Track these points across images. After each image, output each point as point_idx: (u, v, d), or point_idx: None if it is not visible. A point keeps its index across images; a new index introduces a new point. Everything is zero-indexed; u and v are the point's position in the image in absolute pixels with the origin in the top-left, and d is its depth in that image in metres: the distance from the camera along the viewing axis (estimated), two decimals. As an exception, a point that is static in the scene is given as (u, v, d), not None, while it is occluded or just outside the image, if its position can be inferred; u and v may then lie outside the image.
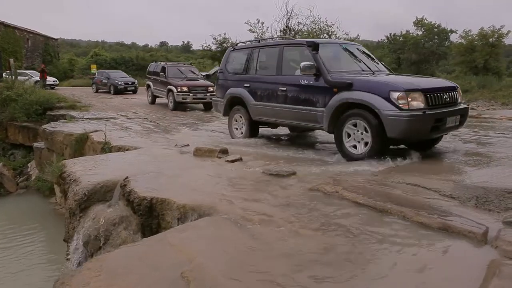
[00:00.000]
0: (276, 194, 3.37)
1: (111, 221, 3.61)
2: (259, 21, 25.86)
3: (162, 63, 16.42)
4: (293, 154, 5.32)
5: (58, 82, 27.86)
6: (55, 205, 9.12)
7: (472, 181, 3.57)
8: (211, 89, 13.58)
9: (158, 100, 15.94)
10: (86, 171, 4.51)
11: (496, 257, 2.11)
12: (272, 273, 2.01)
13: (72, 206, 3.97)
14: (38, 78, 23.70)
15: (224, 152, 5.04)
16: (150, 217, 3.37)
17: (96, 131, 8.11)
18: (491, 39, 27.78)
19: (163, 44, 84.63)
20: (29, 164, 12.23)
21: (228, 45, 26.51)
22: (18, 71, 24.96)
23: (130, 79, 23.74)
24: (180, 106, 13.98)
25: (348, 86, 4.82)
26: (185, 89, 13.67)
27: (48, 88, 23.81)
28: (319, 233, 2.51)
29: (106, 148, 6.58)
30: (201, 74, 16.01)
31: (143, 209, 3.39)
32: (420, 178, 3.68)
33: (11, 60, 21.06)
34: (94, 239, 3.56)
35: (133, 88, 22.88)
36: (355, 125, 4.75)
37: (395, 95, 4.40)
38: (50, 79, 26.16)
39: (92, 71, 31.32)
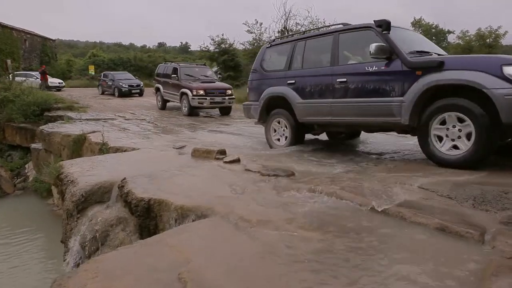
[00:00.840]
0: (274, 195, 3.37)
1: (109, 222, 3.60)
2: (257, 22, 25.95)
3: (173, 63, 14.99)
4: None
5: (63, 83, 26.77)
6: (52, 206, 9.11)
7: (469, 181, 3.57)
8: (229, 92, 12.78)
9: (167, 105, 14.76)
10: (84, 172, 4.50)
11: (494, 258, 2.12)
12: (270, 274, 2.00)
13: (70, 207, 3.96)
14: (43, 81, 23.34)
15: (222, 153, 5.04)
16: (148, 218, 3.37)
17: (94, 132, 8.10)
18: (488, 40, 27.92)
19: (161, 45, 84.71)
20: (26, 165, 12.21)
21: (226, 46, 26.57)
22: (24, 72, 24.88)
23: (135, 81, 22.81)
24: (194, 111, 12.74)
25: (438, 66, 4.00)
26: (201, 92, 12.24)
27: (54, 90, 23.34)
28: (317, 233, 2.51)
29: (103, 149, 6.58)
30: (218, 76, 14.96)
31: (140, 210, 3.38)
32: (418, 178, 3.69)
33: (9, 61, 21.04)
34: (92, 241, 3.54)
35: (138, 90, 21.81)
36: (443, 122, 3.99)
37: (510, 70, 3.57)
38: (54, 81, 25.52)
39: (90, 72, 31.31)
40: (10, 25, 31.65)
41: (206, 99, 12.24)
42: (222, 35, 27.46)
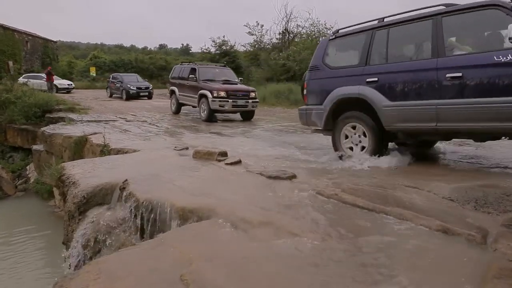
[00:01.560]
0: (275, 197, 3.37)
1: (110, 223, 3.60)
2: (258, 24, 26.01)
3: (190, 64, 13.61)
4: None
5: (73, 85, 26.19)
6: (54, 207, 9.12)
7: (471, 183, 3.57)
8: (253, 94, 11.64)
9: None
10: (85, 174, 4.50)
11: (496, 260, 2.12)
12: (272, 276, 2.00)
13: (71, 209, 3.96)
14: (54, 82, 22.93)
15: (224, 154, 5.04)
16: (149, 219, 3.36)
17: (95, 133, 8.11)
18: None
19: (162, 46, 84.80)
20: (27, 167, 12.23)
21: (227, 47, 26.61)
22: (33, 74, 24.82)
23: (144, 84, 22.12)
24: (213, 116, 11.46)
25: None
26: (222, 94, 11.00)
27: (64, 92, 23.17)
28: (319, 235, 2.51)
29: (105, 150, 6.58)
30: (239, 78, 13.41)
31: (142, 211, 3.38)
32: (418, 180, 3.69)
33: (10, 63, 21.07)
34: (93, 242, 3.55)
35: (147, 93, 21.09)
36: None
37: None
38: (63, 82, 25.20)
39: (91, 73, 31.36)
40: (12, 26, 31.73)
41: (227, 101, 10.95)
42: (223, 37, 27.47)
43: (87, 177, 4.37)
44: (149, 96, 21.17)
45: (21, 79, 23.58)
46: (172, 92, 13.72)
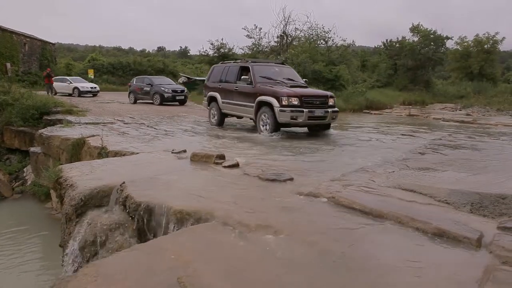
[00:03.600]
0: (273, 200, 3.38)
1: (108, 226, 3.59)
2: (256, 27, 26.07)
3: (238, 61, 10.70)
4: None
5: (98, 87, 24.13)
6: (51, 210, 9.08)
7: (467, 186, 3.59)
8: (332, 101, 8.54)
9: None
10: (83, 176, 4.50)
11: (491, 262, 2.13)
12: (268, 279, 2.01)
13: (69, 211, 3.96)
14: (76, 85, 22.30)
15: (221, 157, 5.05)
16: (147, 222, 3.37)
17: (93, 136, 8.10)
18: (486, 46, 28.10)
19: (160, 49, 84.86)
20: (25, 169, 12.18)
21: (225, 50, 26.66)
22: (60, 77, 24.46)
23: (178, 87, 19.66)
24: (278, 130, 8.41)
25: None
26: (294, 101, 7.92)
27: (90, 95, 22.14)
28: (315, 238, 2.52)
29: (103, 153, 6.57)
30: (304, 80, 10.02)
31: (139, 214, 3.38)
32: (415, 183, 3.70)
33: (8, 65, 21.01)
34: (91, 245, 3.54)
35: (183, 97, 18.66)
36: None
37: None
38: (86, 85, 23.48)
39: (89, 76, 31.33)
40: (10, 28, 31.70)
41: (302, 112, 7.85)
42: (222, 40, 27.50)
43: (84, 179, 4.36)
44: (184, 101, 18.83)
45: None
46: (212, 99, 10.68)
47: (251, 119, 9.63)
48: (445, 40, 29.96)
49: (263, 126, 8.60)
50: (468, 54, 28.94)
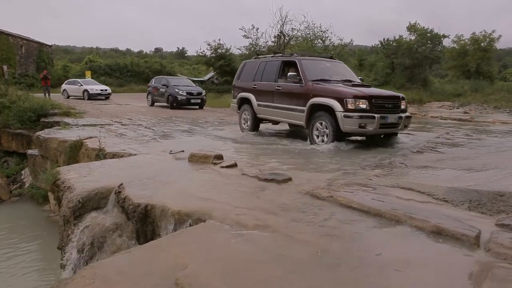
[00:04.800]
0: (271, 200, 3.38)
1: (106, 228, 3.59)
2: (253, 27, 26.06)
3: (279, 56, 8.73)
4: None
5: (109, 90, 23.02)
6: (49, 212, 9.06)
7: (465, 184, 3.60)
8: (404, 104, 6.93)
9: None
10: (81, 178, 4.49)
11: (489, 260, 2.13)
12: (267, 279, 2.01)
13: (66, 214, 3.94)
14: (86, 88, 21.58)
15: (219, 158, 5.04)
16: (145, 223, 3.36)
17: (91, 137, 8.08)
18: (482, 44, 28.19)
19: (157, 50, 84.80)
20: (22, 172, 12.15)
21: (223, 51, 26.66)
22: (72, 80, 24.02)
23: (195, 88, 17.86)
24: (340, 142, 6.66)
25: None
26: (362, 104, 6.25)
27: (103, 98, 21.39)
28: (314, 237, 2.51)
29: (100, 154, 6.55)
30: (360, 78, 8.34)
31: (137, 215, 3.37)
32: (413, 182, 3.71)
33: (5, 67, 20.92)
34: (89, 247, 3.53)
35: (199, 100, 17.11)
36: None
37: None
38: (96, 87, 22.44)
39: (86, 77, 31.27)
40: (6, 31, 31.63)
41: (373, 118, 6.20)
42: (219, 40, 27.48)
43: (82, 181, 4.35)
44: (201, 104, 17.31)
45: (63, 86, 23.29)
46: (243, 101, 8.95)
47: (297, 125, 7.74)
48: (442, 39, 30.02)
49: (318, 136, 6.77)
50: (465, 53, 29.02)
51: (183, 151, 5.88)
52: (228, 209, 3.08)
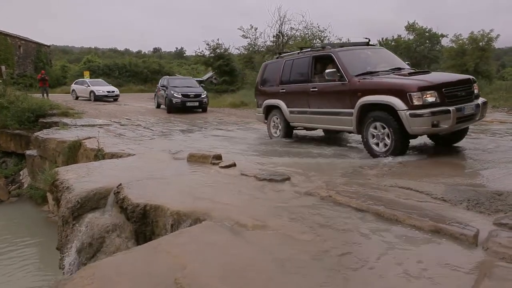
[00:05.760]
0: (270, 199, 3.38)
1: (105, 228, 3.59)
2: (252, 27, 26.05)
3: (307, 50, 7.31)
4: None
5: (117, 91, 21.90)
6: (48, 213, 9.05)
7: (463, 183, 3.60)
8: (476, 89, 5.66)
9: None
10: (79, 179, 4.49)
11: (487, 259, 2.14)
12: (266, 279, 2.01)
13: (65, 214, 3.94)
14: (92, 89, 20.88)
15: (218, 158, 5.04)
16: (144, 223, 3.36)
17: (89, 138, 8.07)
18: (481, 43, 28.24)
19: (156, 50, 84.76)
20: (21, 172, 12.13)
21: (221, 50, 26.65)
22: (80, 80, 23.52)
23: (194, 90, 16.01)
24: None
25: None
26: (430, 96, 4.95)
27: (112, 100, 20.72)
28: (313, 237, 2.52)
29: (99, 155, 6.55)
30: (407, 63, 6.84)
31: (136, 216, 3.37)
32: (412, 181, 3.71)
33: (3, 67, 20.87)
34: (88, 247, 3.53)
35: (197, 103, 15.37)
36: None
37: None
38: (102, 88, 21.49)
39: (85, 77, 31.22)
40: (4, 31, 31.58)
41: (448, 112, 4.87)
42: (217, 40, 27.44)
43: (81, 181, 4.35)
44: (203, 108, 15.73)
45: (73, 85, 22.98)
46: (270, 109, 7.82)
47: (341, 128, 6.37)
48: (440, 38, 30.06)
49: (376, 144, 5.41)
50: (463, 52, 29.06)
51: (181, 151, 5.89)
52: (227, 209, 3.08)
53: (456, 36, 29.63)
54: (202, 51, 27.64)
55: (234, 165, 4.75)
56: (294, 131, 7.73)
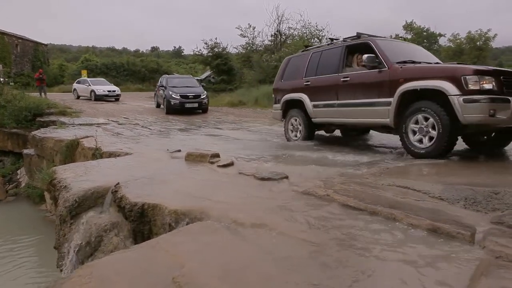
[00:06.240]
0: (268, 198, 3.39)
1: (103, 227, 3.58)
2: (250, 26, 26.07)
3: (338, 41, 7.00)
4: None
5: (117, 91, 21.56)
6: (45, 212, 9.04)
7: (461, 182, 3.62)
8: None
9: None
10: (77, 178, 4.48)
11: (484, 257, 2.15)
12: (264, 278, 2.01)
13: (63, 213, 3.93)
14: (93, 88, 20.47)
15: (216, 156, 5.04)
16: (142, 222, 3.36)
17: (87, 137, 8.06)
18: (478, 43, 28.30)
19: (154, 49, 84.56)
20: (18, 171, 12.11)
21: (219, 49, 26.64)
22: (82, 79, 23.36)
23: (193, 90, 15.45)
24: None
25: None
26: (487, 83, 4.43)
27: (113, 99, 20.41)
28: (311, 236, 2.52)
29: (97, 154, 6.54)
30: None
31: (134, 214, 3.37)
32: (409, 180, 3.72)
33: (0, 66, 20.77)
34: (85, 246, 3.53)
35: (197, 104, 14.88)
36: None
37: None
38: (103, 88, 21.10)
39: (82, 76, 31.15)
40: (1, 30, 31.46)
41: (507, 101, 4.47)
42: (216, 39, 27.43)
43: (78, 180, 4.34)
44: (203, 109, 15.27)
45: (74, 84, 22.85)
46: (290, 105, 7.30)
47: (375, 126, 5.96)
48: (438, 38, 30.17)
49: (419, 140, 4.94)
50: (461, 51, 29.15)
51: (179, 150, 5.88)
52: (225, 208, 3.08)
53: (454, 36, 29.67)
54: (200, 50, 27.67)
55: (232, 164, 4.75)
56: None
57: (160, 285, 1.97)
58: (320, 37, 25.32)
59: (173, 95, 14.60)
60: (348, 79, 6.01)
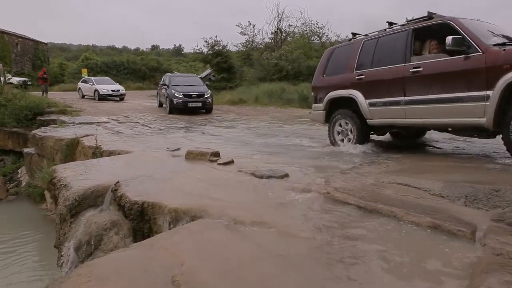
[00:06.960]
0: (268, 196, 3.38)
1: (102, 226, 3.58)
2: (250, 24, 26.04)
3: (402, 25, 5.43)
4: None
5: (122, 90, 21.13)
6: (45, 211, 9.04)
7: (461, 180, 3.60)
8: None
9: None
10: (77, 176, 4.48)
11: (485, 254, 2.14)
12: (264, 276, 2.01)
13: (63, 212, 3.93)
14: (96, 87, 20.27)
15: (216, 155, 5.03)
16: (142, 221, 3.36)
17: (87, 135, 8.05)
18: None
19: (154, 47, 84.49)
20: (19, 170, 12.11)
21: (220, 47, 26.61)
22: (86, 78, 23.12)
23: (196, 89, 14.77)
24: None
25: None
26: None
27: (117, 99, 20.12)
28: (311, 233, 2.51)
29: (97, 152, 6.54)
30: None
31: (134, 213, 3.37)
32: (410, 177, 3.71)
33: (0, 65, 20.79)
34: (85, 245, 3.53)
35: (200, 104, 14.20)
36: None
37: None
38: (107, 88, 20.59)
39: (83, 75, 31.13)
40: (1, 29, 31.46)
41: None
42: (216, 37, 27.39)
43: (78, 179, 4.34)
44: (207, 109, 14.50)
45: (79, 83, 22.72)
46: (337, 104, 6.00)
47: (462, 127, 4.67)
48: (438, 35, 30.13)
49: None
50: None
51: (179, 148, 5.88)
52: (224, 206, 3.08)
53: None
54: (200, 48, 27.62)
55: (232, 162, 4.75)
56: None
57: (160, 283, 1.96)
58: (320, 35, 25.31)
59: (176, 94, 13.99)
60: (421, 69, 4.76)
